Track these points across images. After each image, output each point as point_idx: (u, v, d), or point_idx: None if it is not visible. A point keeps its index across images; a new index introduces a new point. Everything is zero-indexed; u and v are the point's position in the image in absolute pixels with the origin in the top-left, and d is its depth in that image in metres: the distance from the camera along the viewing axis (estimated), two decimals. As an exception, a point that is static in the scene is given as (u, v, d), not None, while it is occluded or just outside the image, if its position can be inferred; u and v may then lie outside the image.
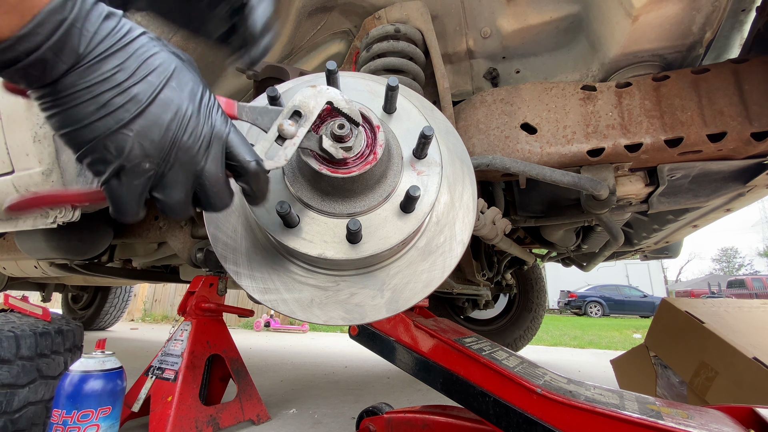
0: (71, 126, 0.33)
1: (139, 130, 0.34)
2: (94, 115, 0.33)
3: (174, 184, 0.38)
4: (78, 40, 0.32)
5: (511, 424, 0.85)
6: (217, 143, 0.39)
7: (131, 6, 0.51)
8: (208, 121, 0.39)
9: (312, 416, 1.72)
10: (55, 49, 0.31)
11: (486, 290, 2.41)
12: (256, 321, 6.25)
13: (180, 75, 0.37)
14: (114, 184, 0.36)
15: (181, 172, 0.38)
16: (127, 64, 0.34)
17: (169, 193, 0.38)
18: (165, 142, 0.36)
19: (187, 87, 0.37)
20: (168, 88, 0.36)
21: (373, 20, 1.16)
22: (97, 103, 0.33)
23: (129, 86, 0.34)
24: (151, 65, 0.35)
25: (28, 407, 1.12)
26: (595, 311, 15.31)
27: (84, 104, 0.33)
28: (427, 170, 0.52)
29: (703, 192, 1.26)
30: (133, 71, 0.34)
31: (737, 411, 0.92)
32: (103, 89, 0.33)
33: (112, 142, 0.34)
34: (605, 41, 1.08)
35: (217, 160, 0.40)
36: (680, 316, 1.61)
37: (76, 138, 0.34)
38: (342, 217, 0.49)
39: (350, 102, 0.47)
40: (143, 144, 0.35)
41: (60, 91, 0.32)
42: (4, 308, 1.33)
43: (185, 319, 1.59)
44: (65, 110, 0.33)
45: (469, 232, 0.56)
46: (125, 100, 0.34)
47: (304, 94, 0.45)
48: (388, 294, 0.52)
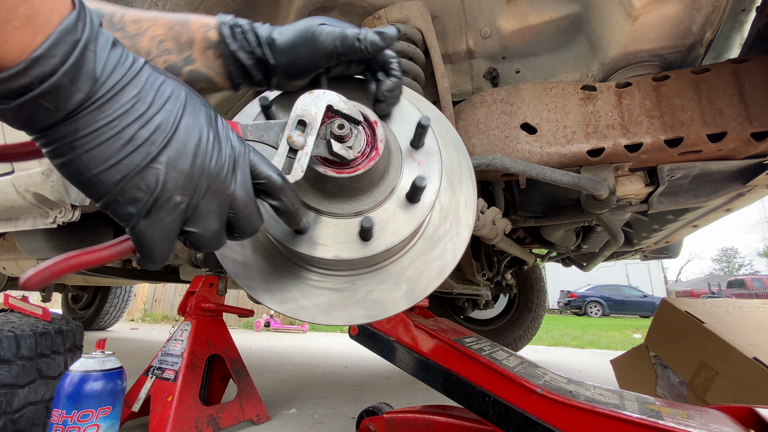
0: (95, 169, 0.29)
1: (168, 161, 0.32)
2: (120, 153, 0.30)
3: (208, 213, 0.36)
4: (93, 65, 0.28)
5: (511, 424, 0.85)
6: (242, 164, 0.38)
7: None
8: (228, 144, 0.37)
9: (312, 416, 1.72)
10: (71, 75, 0.27)
11: (486, 290, 2.41)
12: (256, 321, 6.25)
13: (192, 101, 0.35)
14: (143, 225, 0.32)
15: (214, 199, 0.36)
16: (143, 93, 0.31)
17: (205, 224, 0.36)
18: (194, 171, 0.34)
19: (202, 112, 0.36)
20: (186, 115, 0.34)
21: (373, 20, 1.16)
22: (122, 138, 0.30)
23: (151, 116, 0.31)
24: (165, 93, 0.33)
25: (28, 407, 1.12)
26: (595, 311, 15.31)
27: (108, 141, 0.29)
28: (426, 159, 0.53)
29: (703, 192, 1.26)
30: (150, 101, 0.31)
31: (737, 411, 0.92)
32: (126, 122, 0.30)
33: (142, 179, 0.31)
34: (605, 41, 1.08)
35: (245, 182, 0.38)
36: (680, 316, 1.61)
37: (100, 182, 0.30)
38: (350, 217, 0.50)
39: (348, 102, 0.47)
40: (174, 175, 0.32)
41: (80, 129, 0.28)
42: (4, 308, 1.33)
43: (185, 319, 1.59)
44: (87, 152, 0.29)
45: (473, 215, 0.56)
46: (150, 132, 0.31)
47: (304, 101, 0.45)
48: (404, 286, 0.53)
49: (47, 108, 0.27)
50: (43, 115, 0.27)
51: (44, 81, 0.26)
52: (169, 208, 0.33)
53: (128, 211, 0.32)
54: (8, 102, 0.26)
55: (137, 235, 0.33)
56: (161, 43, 0.46)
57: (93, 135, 0.29)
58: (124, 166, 0.30)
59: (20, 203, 1.33)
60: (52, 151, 0.29)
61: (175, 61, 0.47)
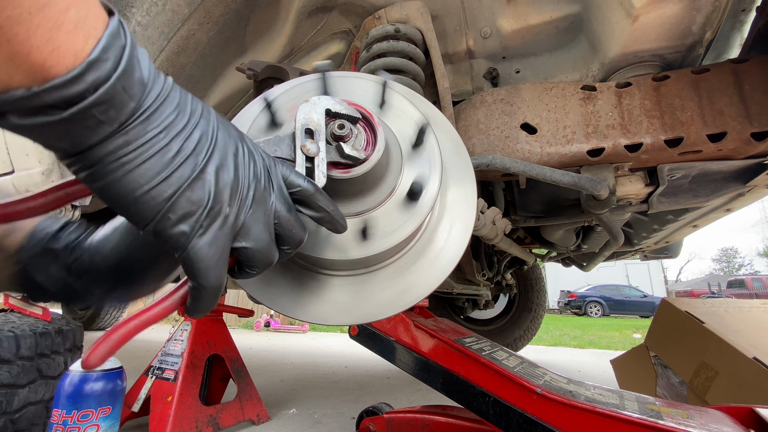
0: (147, 185, 0.27)
1: (214, 171, 0.31)
2: (170, 165, 0.28)
3: (257, 224, 0.34)
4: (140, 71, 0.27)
5: (511, 424, 0.85)
6: (275, 174, 0.37)
7: None
8: (259, 157, 0.36)
9: (312, 416, 1.72)
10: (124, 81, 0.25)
11: (486, 290, 2.41)
12: (256, 321, 6.25)
13: (221, 117, 0.34)
14: (197, 244, 0.30)
15: (260, 210, 0.35)
16: (181, 107, 0.30)
17: (256, 236, 0.34)
18: (238, 182, 0.32)
19: (231, 126, 0.35)
20: (221, 130, 0.33)
21: (373, 20, 1.16)
22: (171, 150, 0.28)
23: (191, 130, 0.30)
24: (198, 108, 0.32)
25: (28, 407, 1.12)
26: (595, 311, 15.31)
27: (158, 155, 0.28)
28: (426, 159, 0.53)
29: (703, 192, 1.26)
30: (189, 114, 0.30)
31: (737, 411, 0.92)
32: (172, 135, 0.28)
33: (193, 192, 0.29)
34: (605, 41, 1.08)
35: (282, 192, 0.37)
36: (680, 316, 1.61)
37: (152, 200, 0.28)
38: (352, 217, 0.50)
39: (343, 102, 0.48)
40: (220, 188, 0.31)
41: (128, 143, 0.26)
42: (4, 308, 1.33)
43: (185, 319, 1.59)
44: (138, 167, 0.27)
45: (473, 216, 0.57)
46: (194, 144, 0.30)
47: (304, 111, 0.46)
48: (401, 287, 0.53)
49: (99, 120, 0.25)
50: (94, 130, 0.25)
51: (99, 87, 0.24)
52: (220, 221, 0.31)
53: (181, 230, 0.30)
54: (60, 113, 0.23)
55: (191, 257, 0.31)
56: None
57: (143, 148, 0.27)
58: (175, 179, 0.28)
59: (20, 203, 1.33)
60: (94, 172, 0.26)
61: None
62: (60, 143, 0.25)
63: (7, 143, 1.24)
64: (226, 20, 1.08)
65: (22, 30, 0.21)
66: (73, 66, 0.23)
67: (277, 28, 1.19)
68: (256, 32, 1.17)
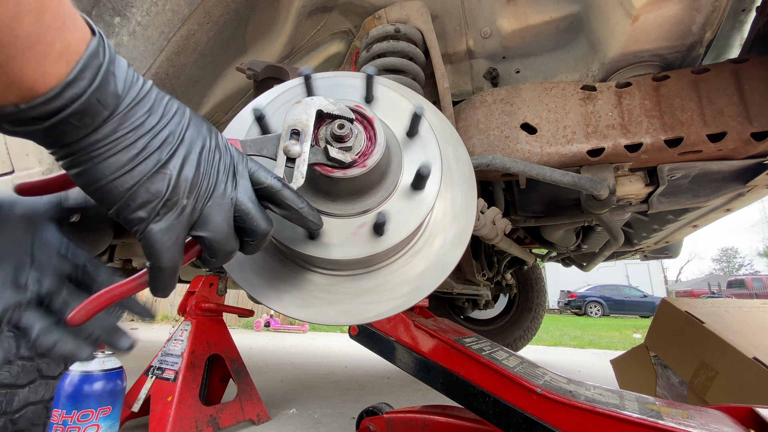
0: (111, 176, 0.33)
1: (175, 167, 0.35)
2: (133, 161, 0.33)
3: (215, 216, 0.38)
4: (115, 84, 0.32)
5: (511, 424, 0.85)
6: (242, 171, 0.41)
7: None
8: (227, 153, 0.40)
9: (312, 416, 1.72)
10: (98, 94, 0.31)
11: (486, 290, 2.41)
12: (256, 321, 6.25)
13: (195, 116, 0.39)
14: (153, 228, 0.35)
15: (220, 202, 0.39)
16: (153, 109, 0.35)
17: (213, 227, 0.38)
18: (199, 177, 0.37)
19: (204, 126, 0.39)
20: (190, 129, 0.37)
21: (373, 20, 1.16)
22: (136, 148, 0.33)
23: (161, 129, 0.35)
24: (171, 109, 0.37)
25: (28, 407, 1.12)
26: (595, 311, 15.30)
27: (123, 151, 0.33)
28: (423, 148, 0.53)
29: (703, 192, 1.26)
30: (160, 115, 0.35)
31: (737, 411, 0.92)
32: (139, 134, 0.33)
33: (152, 184, 0.34)
34: (605, 41, 1.08)
35: (246, 189, 0.41)
36: (680, 316, 1.61)
37: (114, 188, 0.33)
38: (358, 216, 0.50)
39: (337, 102, 0.48)
40: (180, 181, 0.35)
41: (99, 140, 0.32)
42: (4, 308, 1.33)
43: (185, 319, 1.59)
44: (103, 160, 0.32)
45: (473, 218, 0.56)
46: (160, 142, 0.34)
47: (293, 112, 0.47)
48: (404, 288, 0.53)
49: (75, 126, 0.30)
50: (71, 133, 0.31)
51: (75, 101, 0.29)
52: (177, 210, 0.36)
53: (138, 216, 0.34)
54: (42, 123, 0.29)
55: (147, 239, 0.35)
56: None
57: (110, 146, 0.32)
58: (137, 172, 0.33)
59: (20, 203, 1.33)
60: (71, 161, 0.32)
61: None
62: (44, 141, 0.31)
63: (7, 143, 1.24)
64: (226, 20, 1.08)
65: (16, 65, 0.27)
66: (54, 86, 0.28)
67: (277, 28, 1.19)
68: (256, 32, 1.17)
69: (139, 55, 1.00)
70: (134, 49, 0.99)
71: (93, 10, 0.92)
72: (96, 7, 0.92)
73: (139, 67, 1.02)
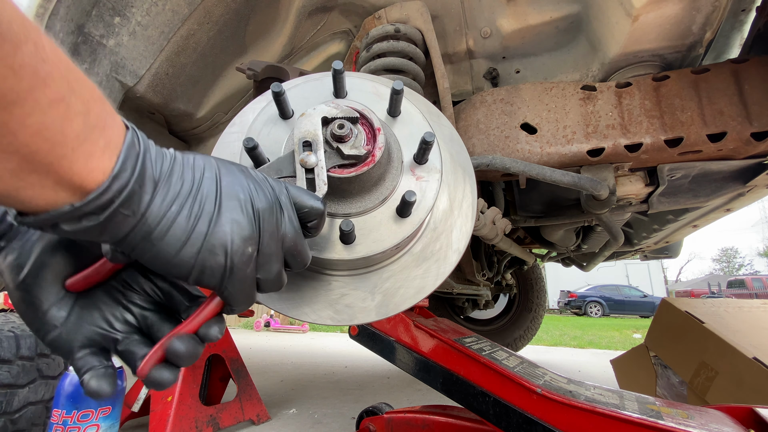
0: (176, 249, 0.33)
1: (229, 219, 0.35)
2: (188, 227, 0.34)
3: (270, 257, 0.38)
4: (151, 169, 0.33)
5: (511, 424, 0.85)
6: (285, 202, 0.40)
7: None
8: (267, 186, 0.40)
9: (312, 416, 1.72)
10: (140, 181, 0.32)
11: (486, 290, 2.41)
12: (256, 321, 6.25)
13: (223, 163, 0.39)
14: (231, 288, 0.36)
15: (272, 242, 0.38)
16: (185, 174, 0.35)
17: (269, 268, 0.38)
18: (251, 219, 0.37)
19: (233, 167, 0.39)
20: (224, 175, 0.37)
21: (373, 20, 1.16)
22: (184, 216, 0.34)
23: (198, 188, 0.35)
24: (200, 165, 0.37)
25: (28, 407, 1.12)
26: (595, 311, 15.30)
27: (176, 223, 0.33)
28: (426, 176, 0.52)
29: (703, 192, 1.26)
30: (192, 176, 0.35)
31: (737, 411, 0.92)
32: (182, 201, 0.34)
33: (215, 243, 0.34)
34: (605, 41, 1.08)
35: (292, 219, 0.40)
36: (680, 316, 1.61)
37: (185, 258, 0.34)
38: (338, 217, 0.50)
39: (339, 105, 0.48)
40: (237, 230, 0.35)
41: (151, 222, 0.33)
42: (4, 308, 1.33)
43: (185, 319, 1.59)
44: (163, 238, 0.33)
45: (466, 241, 0.56)
46: (203, 201, 0.35)
47: (301, 125, 0.47)
48: (378, 297, 0.52)
49: (125, 214, 0.31)
50: (123, 224, 0.32)
51: (122, 192, 0.31)
52: (247, 260, 0.36)
53: (215, 277, 0.35)
54: (97, 218, 0.31)
55: (227, 294, 0.36)
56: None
57: (163, 223, 0.33)
58: (195, 238, 0.34)
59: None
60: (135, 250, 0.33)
61: None
62: (101, 237, 0.32)
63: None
64: (226, 20, 1.08)
65: (65, 163, 0.28)
66: (102, 181, 0.30)
67: (277, 28, 1.19)
68: (256, 32, 1.17)
69: (139, 55, 1.00)
70: (134, 49, 0.99)
71: (93, 10, 0.92)
72: (96, 7, 0.92)
73: (139, 67, 1.02)
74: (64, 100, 0.27)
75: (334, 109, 0.48)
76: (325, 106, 0.48)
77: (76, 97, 0.28)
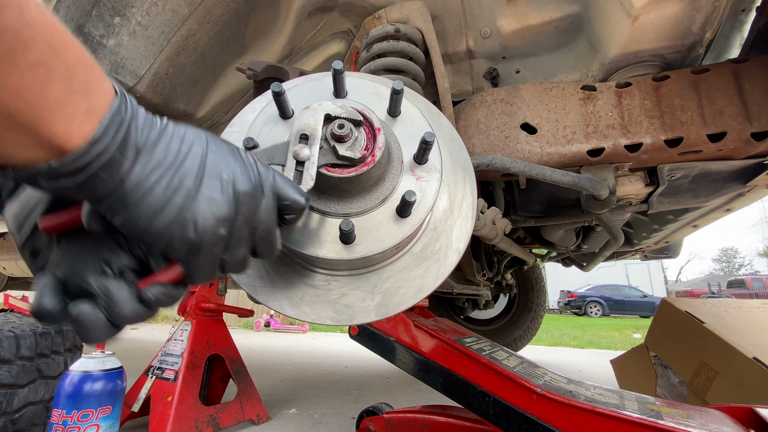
0: (148, 217, 0.34)
1: (206, 197, 0.36)
2: (163, 198, 0.34)
3: (239, 241, 0.38)
4: (135, 137, 0.34)
5: (511, 424, 0.85)
6: (269, 189, 0.40)
7: None
8: (254, 170, 0.40)
9: (312, 416, 1.72)
10: (121, 148, 0.32)
11: (486, 290, 2.41)
12: (256, 321, 6.25)
13: (213, 139, 0.39)
14: (194, 258, 0.36)
15: (245, 227, 0.38)
16: (172, 145, 0.36)
17: (236, 252, 0.39)
18: (229, 200, 0.37)
19: (225, 147, 0.39)
20: (211, 152, 0.37)
21: (373, 20, 1.16)
22: (161, 186, 0.34)
23: (181, 161, 0.35)
24: (189, 139, 0.37)
25: (28, 407, 1.12)
26: (595, 311, 15.30)
27: (152, 191, 0.34)
28: (426, 176, 0.52)
29: (703, 192, 1.26)
30: (178, 148, 0.36)
31: (737, 411, 0.92)
32: (162, 172, 0.34)
33: (188, 218, 0.35)
34: (605, 41, 1.08)
35: (270, 208, 0.40)
36: (680, 316, 1.61)
37: (155, 227, 0.34)
38: (338, 217, 0.50)
39: (344, 106, 0.48)
40: (213, 209, 0.36)
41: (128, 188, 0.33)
42: (4, 308, 1.33)
43: (185, 319, 1.59)
44: (138, 204, 0.34)
45: (466, 241, 0.56)
46: (184, 175, 0.35)
47: (303, 118, 0.47)
48: (378, 297, 0.52)
49: (103, 178, 0.32)
50: (101, 185, 0.33)
51: (101, 157, 0.31)
52: (217, 240, 0.36)
53: (181, 254, 0.36)
54: (73, 179, 0.31)
55: (189, 267, 0.37)
56: None
57: (139, 190, 0.33)
58: (169, 210, 0.34)
59: (20, 203, 1.33)
60: (109, 211, 0.34)
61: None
62: (79, 195, 0.33)
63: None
64: (226, 20, 1.08)
65: (45, 125, 0.29)
66: (80, 145, 0.30)
67: (277, 28, 1.19)
68: (256, 32, 1.17)
69: (139, 55, 1.00)
70: (134, 49, 0.99)
71: (93, 10, 0.92)
72: (96, 7, 0.92)
73: (139, 67, 1.02)
74: (45, 64, 0.27)
75: (339, 108, 0.48)
76: (330, 104, 0.48)
77: (59, 61, 0.28)
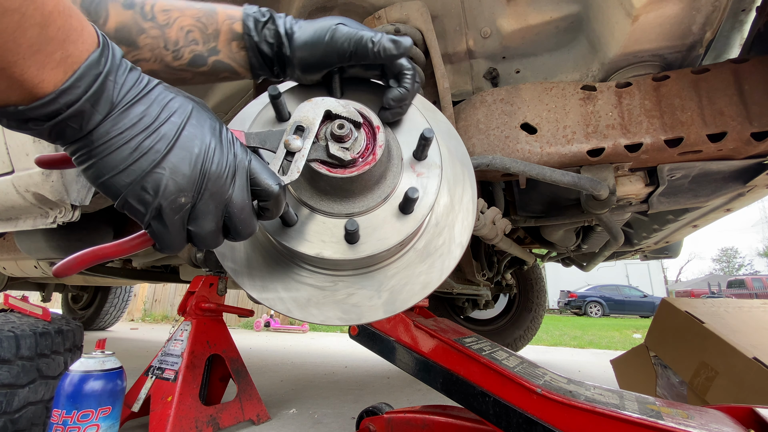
0: (110, 173, 0.35)
1: (171, 166, 0.36)
2: (129, 159, 0.35)
3: (205, 214, 0.40)
4: (111, 91, 0.34)
5: (511, 424, 0.85)
6: (241, 172, 0.41)
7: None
8: (231, 152, 0.41)
9: (312, 416, 1.72)
10: (93, 100, 0.33)
11: (486, 290, 2.41)
12: (256, 321, 6.25)
13: (198, 113, 0.40)
14: (154, 224, 0.38)
15: (211, 202, 0.39)
16: (151, 109, 0.36)
17: (201, 223, 0.40)
18: (195, 175, 0.38)
19: (206, 123, 0.40)
20: (190, 125, 0.38)
21: (373, 20, 1.16)
22: (130, 147, 0.35)
23: (156, 128, 0.36)
24: (172, 108, 0.38)
25: (28, 407, 1.12)
26: (595, 311, 15.30)
27: (119, 150, 0.35)
28: (426, 172, 0.52)
29: (703, 192, 1.26)
30: (157, 114, 0.36)
31: (737, 411, 0.92)
32: (134, 133, 0.35)
33: (149, 182, 0.36)
34: (605, 41, 1.08)
35: (242, 189, 0.41)
36: (680, 316, 1.61)
37: (115, 184, 0.36)
38: (341, 217, 0.50)
39: (347, 105, 0.48)
40: (176, 179, 0.37)
41: (95, 140, 0.34)
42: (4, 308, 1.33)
43: (185, 319, 1.59)
44: (102, 158, 0.35)
45: (469, 234, 0.55)
46: (155, 141, 0.36)
47: (302, 109, 0.47)
48: (385, 295, 0.52)
49: (73, 127, 0.33)
50: (70, 132, 0.34)
51: (70, 106, 0.32)
52: (176, 208, 0.37)
53: (139, 211, 0.37)
54: (41, 124, 0.33)
55: (151, 232, 0.38)
56: (189, 34, 0.50)
57: (106, 145, 0.35)
58: (132, 170, 0.35)
59: (20, 203, 1.33)
60: (77, 158, 0.36)
61: (201, 51, 0.51)
62: (48, 139, 0.34)
63: (8, 144, 1.24)
64: (226, 20, 1.08)
65: (17, 70, 0.29)
66: (49, 93, 0.31)
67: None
68: (256, 32, 1.17)
69: (139, 55, 1.00)
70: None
71: (93, 10, 0.91)
72: (96, 7, 0.91)
73: (139, 67, 1.02)
74: (20, 10, 0.28)
75: (341, 107, 0.48)
76: (333, 101, 0.48)
77: (35, 7, 0.29)
